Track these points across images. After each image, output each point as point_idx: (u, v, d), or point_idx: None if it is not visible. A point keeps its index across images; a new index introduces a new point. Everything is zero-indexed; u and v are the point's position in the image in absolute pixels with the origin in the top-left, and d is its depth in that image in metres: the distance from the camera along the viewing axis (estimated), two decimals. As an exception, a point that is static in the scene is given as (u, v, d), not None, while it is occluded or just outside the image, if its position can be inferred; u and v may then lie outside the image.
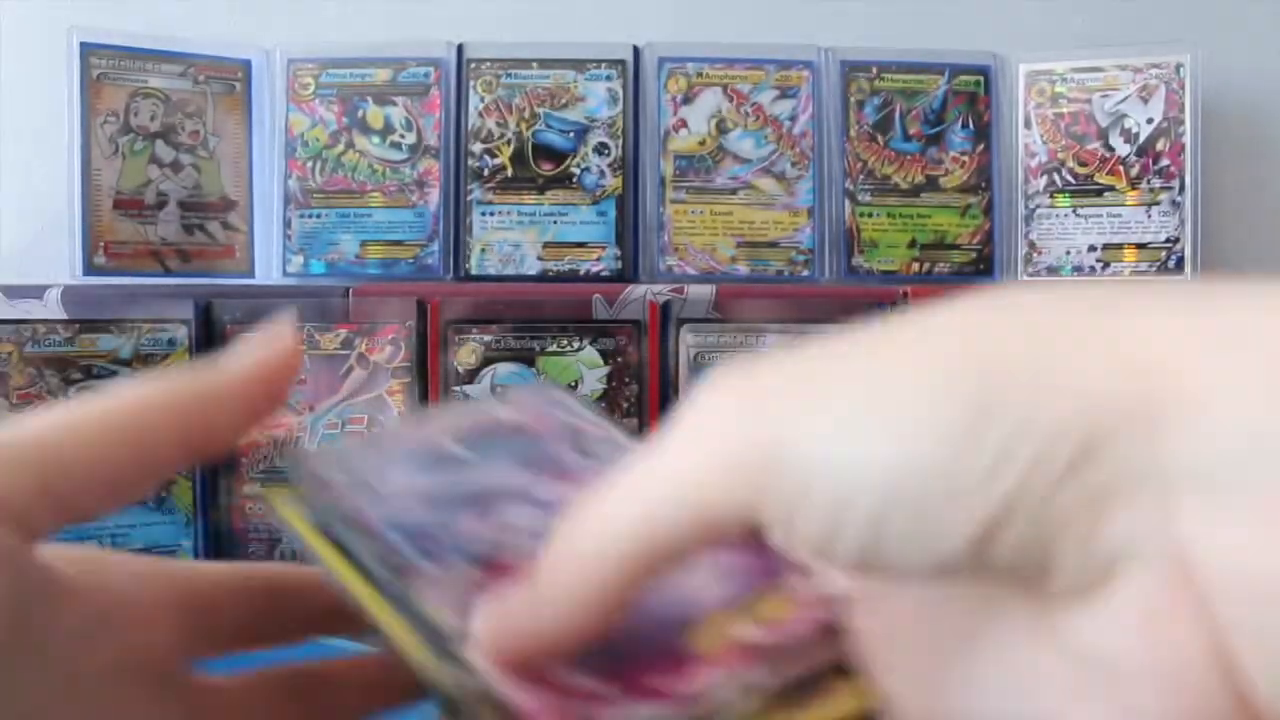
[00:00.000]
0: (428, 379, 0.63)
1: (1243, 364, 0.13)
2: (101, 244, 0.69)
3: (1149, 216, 0.72)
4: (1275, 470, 0.13)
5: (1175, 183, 0.72)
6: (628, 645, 0.19)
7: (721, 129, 0.72)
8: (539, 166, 0.71)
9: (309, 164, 0.71)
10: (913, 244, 0.72)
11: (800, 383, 0.16)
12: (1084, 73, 0.73)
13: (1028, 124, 0.74)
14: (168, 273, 0.70)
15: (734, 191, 0.71)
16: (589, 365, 0.63)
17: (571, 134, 0.71)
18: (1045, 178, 0.73)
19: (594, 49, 0.72)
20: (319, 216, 0.71)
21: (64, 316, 0.62)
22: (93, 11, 0.79)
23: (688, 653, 0.19)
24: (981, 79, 0.73)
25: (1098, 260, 0.72)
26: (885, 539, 0.14)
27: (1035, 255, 0.73)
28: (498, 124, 0.71)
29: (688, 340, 0.63)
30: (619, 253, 0.71)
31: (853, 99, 0.72)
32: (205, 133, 0.71)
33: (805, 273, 0.71)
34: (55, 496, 0.19)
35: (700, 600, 0.21)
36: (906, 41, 0.79)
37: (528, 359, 0.63)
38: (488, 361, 0.63)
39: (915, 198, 0.72)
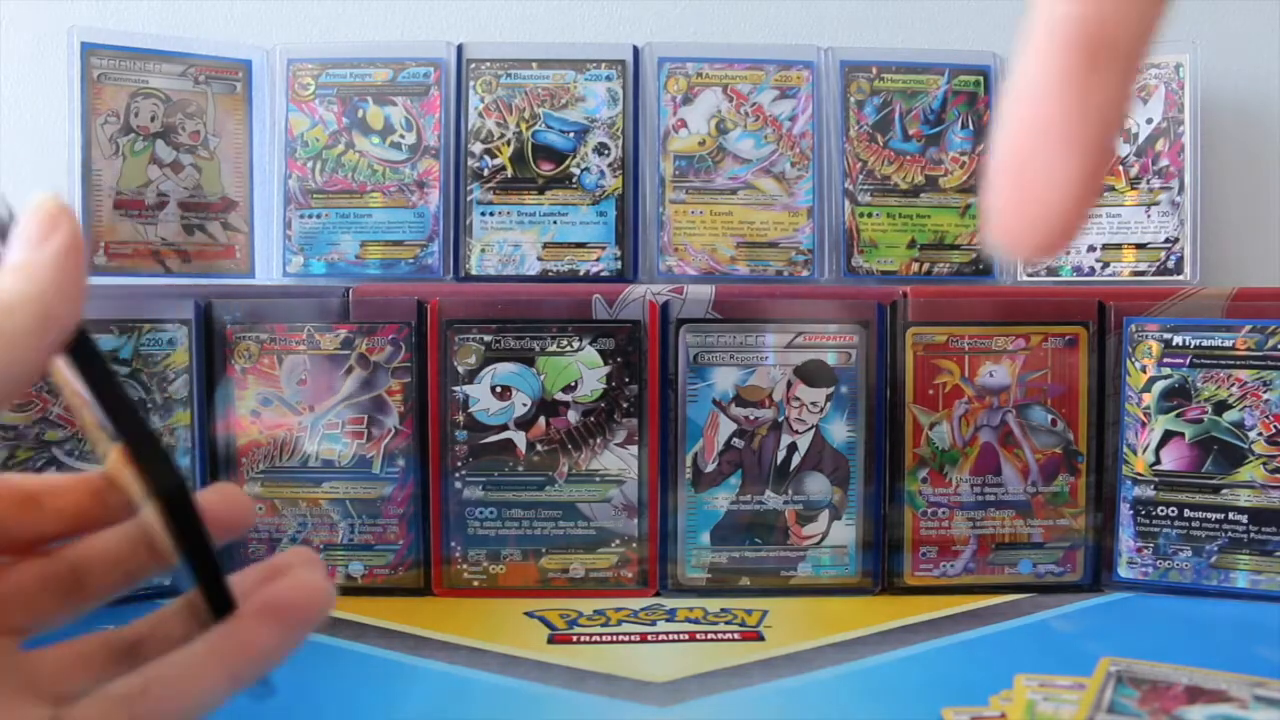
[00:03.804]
0: (428, 379, 0.63)
1: None
2: (102, 244, 0.69)
3: (1148, 216, 0.72)
4: None
5: (1174, 183, 0.72)
6: None
7: (721, 129, 0.72)
8: (539, 167, 0.71)
9: (309, 164, 0.71)
10: (912, 244, 0.72)
11: None
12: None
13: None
14: (168, 273, 0.70)
15: (734, 191, 0.71)
16: (589, 365, 0.63)
17: (571, 134, 0.71)
18: (1045, 178, 0.73)
19: (594, 49, 0.72)
20: (319, 216, 0.71)
21: (64, 316, 0.62)
22: (93, 11, 0.79)
23: None
24: (981, 79, 0.73)
25: (1097, 260, 0.72)
26: None
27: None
28: (498, 124, 0.71)
29: (688, 340, 0.63)
30: (619, 253, 0.71)
31: (852, 99, 0.72)
32: (205, 133, 0.71)
33: (805, 273, 0.71)
34: None
35: None
36: (906, 41, 0.79)
37: (528, 359, 0.63)
38: (488, 361, 0.63)
39: (915, 198, 0.73)
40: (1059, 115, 0.17)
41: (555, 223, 0.71)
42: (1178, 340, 0.63)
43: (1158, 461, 0.64)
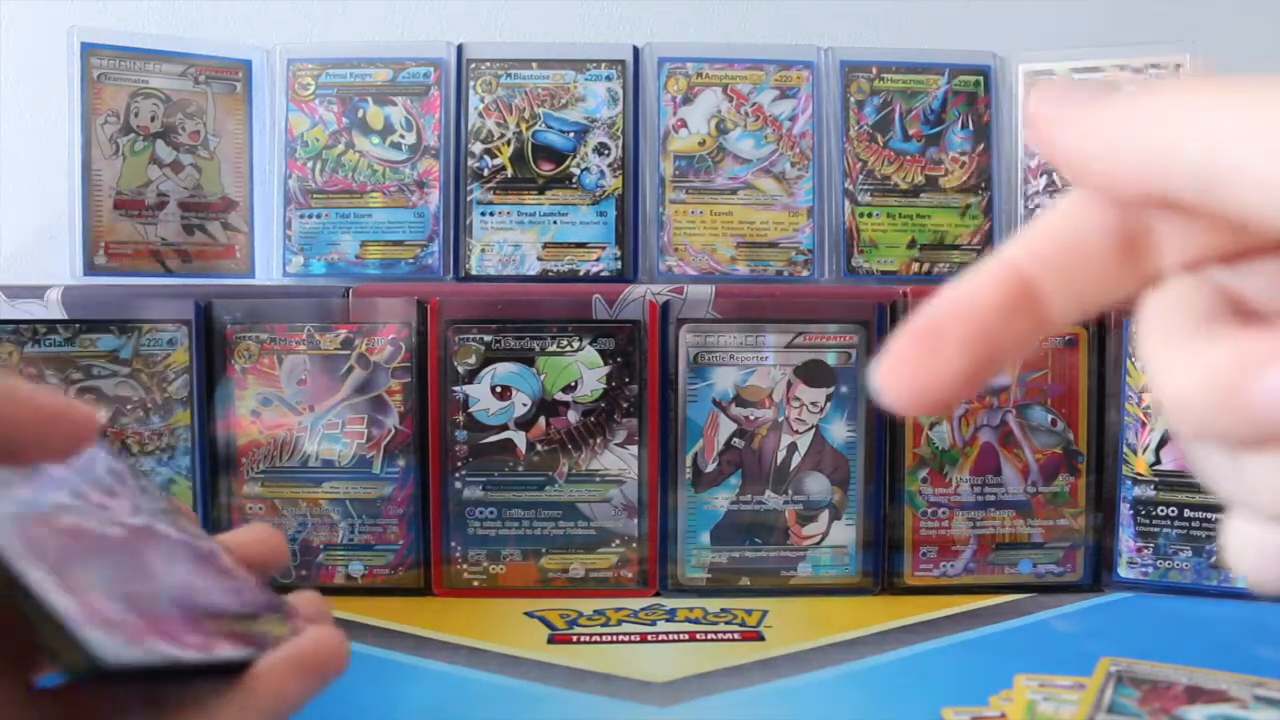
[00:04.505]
0: (428, 379, 0.63)
1: None
2: (101, 244, 0.69)
3: (1149, 216, 0.72)
4: None
5: (1175, 183, 0.71)
6: (155, 606, 0.28)
7: (721, 129, 0.72)
8: (539, 167, 0.71)
9: (309, 164, 0.71)
10: (912, 244, 0.72)
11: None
12: (1084, 73, 0.73)
13: (1027, 124, 0.73)
14: (168, 273, 0.70)
15: (734, 191, 0.71)
16: (589, 365, 0.63)
17: (571, 134, 0.71)
18: (1045, 178, 0.73)
19: (594, 49, 0.72)
20: (319, 216, 0.71)
21: (64, 316, 0.62)
22: (93, 11, 0.79)
23: (205, 628, 0.28)
24: (981, 79, 0.73)
25: (1097, 260, 0.72)
26: None
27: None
28: (498, 124, 0.71)
29: (688, 340, 0.63)
30: (619, 253, 0.71)
31: (852, 99, 0.72)
32: (205, 133, 0.71)
33: (805, 273, 0.71)
34: None
35: (214, 600, 0.30)
36: (906, 41, 0.79)
37: (528, 359, 0.63)
38: (488, 361, 0.63)
39: (915, 198, 0.72)
40: (971, 324, 0.19)
41: (555, 223, 0.71)
42: (1178, 340, 0.63)
43: (1158, 461, 0.64)
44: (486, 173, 0.71)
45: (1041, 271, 0.19)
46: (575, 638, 0.57)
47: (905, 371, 0.19)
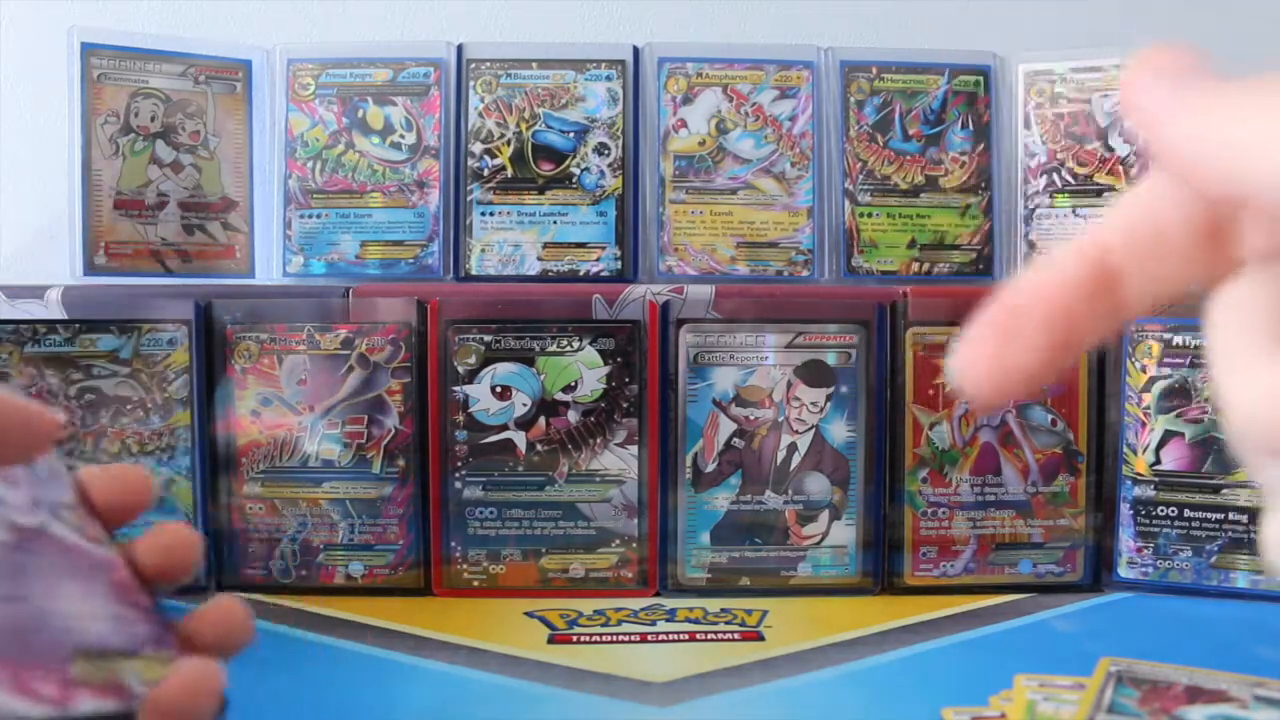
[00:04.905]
0: (428, 379, 0.63)
1: None
2: (101, 244, 0.69)
3: (1149, 216, 0.72)
4: None
5: (1175, 183, 0.71)
6: (17, 644, 0.25)
7: (721, 129, 0.72)
8: (539, 166, 0.71)
9: (309, 164, 0.71)
10: (912, 244, 0.72)
11: None
12: (1084, 73, 0.73)
13: (1027, 124, 0.74)
14: (168, 273, 0.70)
15: (734, 191, 0.71)
16: (589, 365, 0.63)
17: (571, 134, 0.71)
18: (1045, 178, 0.73)
19: (594, 49, 0.72)
20: (319, 216, 0.71)
21: (64, 316, 0.62)
22: (93, 11, 0.79)
23: (69, 674, 0.25)
24: (981, 79, 0.73)
25: (1097, 260, 0.72)
26: None
27: (1035, 255, 0.73)
28: (498, 124, 0.71)
29: (687, 340, 0.63)
30: (619, 253, 0.71)
31: (852, 99, 0.72)
32: (205, 133, 0.71)
33: (805, 273, 0.71)
34: None
35: (91, 633, 0.27)
36: (906, 41, 0.79)
37: (528, 359, 0.63)
38: (488, 361, 0.63)
39: (915, 198, 0.72)
40: (1053, 306, 0.19)
41: (555, 223, 0.71)
42: (1178, 340, 0.63)
43: (1158, 461, 0.64)
44: (486, 173, 0.71)
45: (1122, 252, 0.19)
46: (575, 638, 0.57)
47: (985, 356, 0.19)
